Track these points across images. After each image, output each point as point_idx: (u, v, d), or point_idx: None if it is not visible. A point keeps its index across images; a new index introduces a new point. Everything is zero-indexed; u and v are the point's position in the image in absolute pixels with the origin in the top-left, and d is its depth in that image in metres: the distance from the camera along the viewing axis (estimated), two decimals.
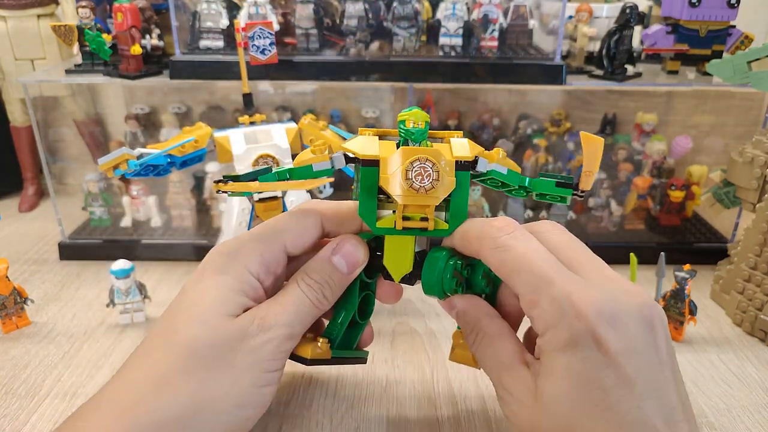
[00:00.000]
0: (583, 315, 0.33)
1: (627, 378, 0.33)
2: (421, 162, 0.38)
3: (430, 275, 0.41)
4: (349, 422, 0.49)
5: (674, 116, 0.89)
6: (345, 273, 0.42)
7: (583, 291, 0.34)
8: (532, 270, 0.36)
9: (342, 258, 0.42)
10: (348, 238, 0.42)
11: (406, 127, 0.38)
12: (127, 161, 0.52)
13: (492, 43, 0.73)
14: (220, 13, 0.73)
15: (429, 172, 0.38)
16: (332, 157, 0.41)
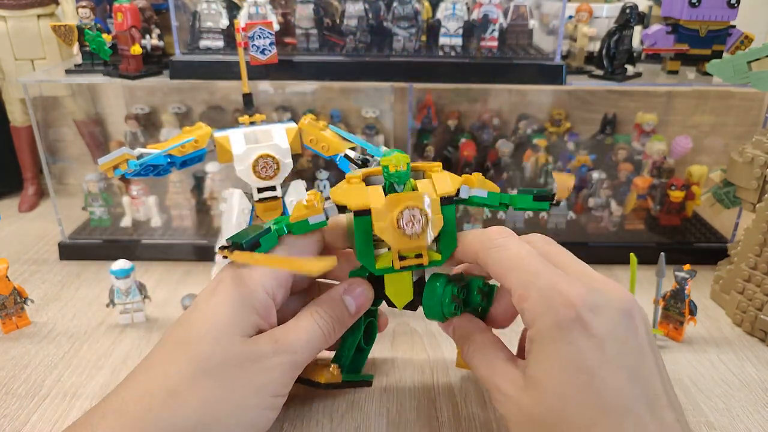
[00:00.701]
0: (569, 303, 0.35)
1: (611, 361, 0.35)
2: (410, 210, 0.40)
3: (431, 302, 0.45)
4: (350, 422, 0.49)
5: (674, 116, 0.89)
6: (353, 313, 0.45)
7: (568, 283, 0.37)
8: (523, 266, 0.39)
9: (352, 299, 0.45)
10: (359, 283, 0.46)
11: (389, 171, 0.40)
12: (127, 161, 0.52)
13: (492, 43, 0.73)
14: (220, 13, 0.73)
15: (418, 218, 0.41)
16: (325, 208, 0.43)
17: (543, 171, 0.82)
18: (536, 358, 0.37)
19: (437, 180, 0.43)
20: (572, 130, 0.89)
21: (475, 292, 0.46)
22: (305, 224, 0.43)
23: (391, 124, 0.79)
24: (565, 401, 0.35)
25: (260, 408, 0.40)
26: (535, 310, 0.37)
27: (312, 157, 0.82)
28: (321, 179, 0.79)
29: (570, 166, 0.82)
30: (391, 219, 0.40)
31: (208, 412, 0.37)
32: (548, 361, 0.36)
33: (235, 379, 0.38)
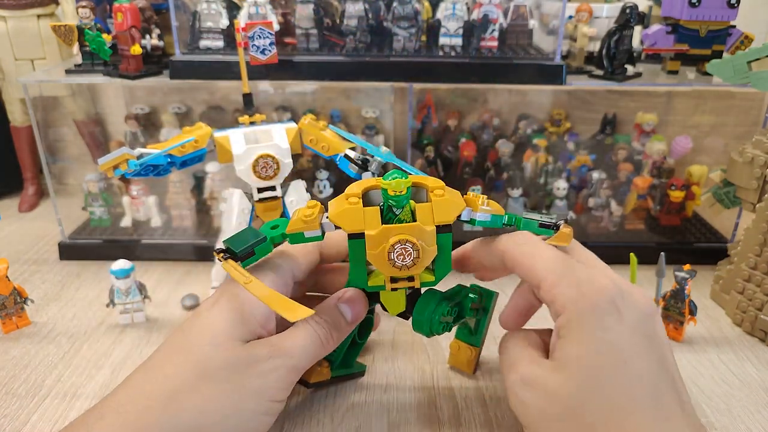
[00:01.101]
0: (602, 291, 0.38)
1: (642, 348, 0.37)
2: (401, 243, 0.40)
3: (420, 318, 0.46)
4: (350, 421, 0.49)
5: (674, 116, 0.89)
6: (349, 320, 0.45)
7: (599, 275, 0.40)
8: (553, 258, 0.41)
9: (348, 307, 0.45)
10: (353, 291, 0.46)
11: (388, 194, 0.40)
12: (127, 161, 0.52)
13: (492, 43, 0.73)
14: (220, 13, 0.73)
15: (410, 251, 0.40)
16: (322, 224, 0.43)
17: (543, 171, 0.82)
18: (568, 340, 0.38)
19: (438, 206, 0.41)
20: (572, 130, 0.89)
21: (469, 307, 0.48)
22: (301, 236, 0.44)
23: (391, 124, 0.79)
24: (598, 379, 0.36)
25: (258, 413, 0.40)
26: (568, 296, 0.39)
27: (312, 157, 0.82)
28: (321, 179, 0.79)
29: (570, 166, 0.82)
30: (383, 249, 0.40)
31: (206, 415, 0.38)
32: (581, 342, 0.37)
33: (233, 383, 0.39)
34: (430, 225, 0.41)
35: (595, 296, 0.38)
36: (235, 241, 0.43)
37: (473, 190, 0.76)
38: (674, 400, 0.36)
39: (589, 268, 0.41)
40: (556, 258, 0.41)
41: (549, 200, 0.81)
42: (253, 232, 0.44)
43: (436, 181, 0.43)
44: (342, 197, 0.42)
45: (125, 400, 0.38)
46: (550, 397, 0.37)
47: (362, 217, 0.41)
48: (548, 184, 0.81)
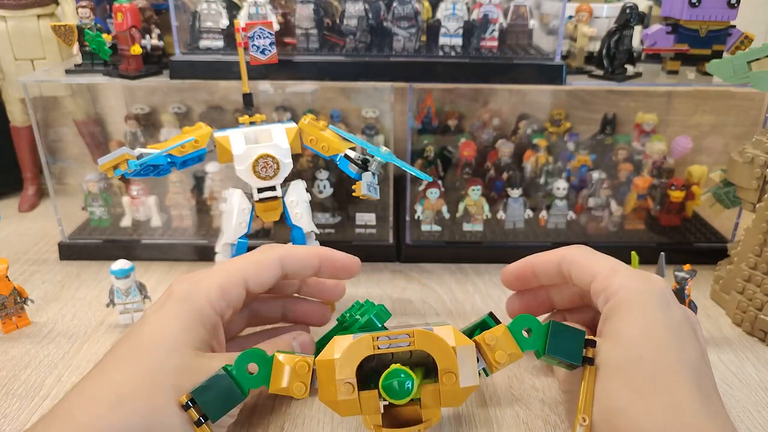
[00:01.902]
0: (656, 282, 0.43)
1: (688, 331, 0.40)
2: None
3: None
4: (350, 421, 0.49)
5: (674, 116, 0.89)
6: None
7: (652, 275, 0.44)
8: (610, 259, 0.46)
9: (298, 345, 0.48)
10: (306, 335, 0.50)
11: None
12: (127, 161, 0.52)
13: (492, 43, 0.73)
14: (220, 13, 0.73)
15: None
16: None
17: (543, 171, 0.82)
18: (617, 318, 0.41)
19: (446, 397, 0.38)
20: (572, 130, 0.89)
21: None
22: None
23: (391, 124, 0.79)
24: (646, 349, 0.38)
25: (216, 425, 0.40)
26: (622, 282, 0.42)
27: (312, 157, 0.82)
28: (321, 179, 0.79)
29: (570, 166, 0.82)
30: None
31: (155, 419, 0.37)
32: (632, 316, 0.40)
33: (182, 390, 0.38)
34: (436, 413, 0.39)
35: (648, 285, 0.42)
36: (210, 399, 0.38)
37: (473, 190, 0.76)
38: (713, 387, 0.39)
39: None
40: (612, 259, 0.46)
41: (549, 200, 0.81)
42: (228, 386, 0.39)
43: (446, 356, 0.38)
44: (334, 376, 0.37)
45: (74, 405, 0.38)
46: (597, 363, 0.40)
47: (358, 407, 0.38)
48: (548, 184, 0.81)
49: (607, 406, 0.38)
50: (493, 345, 0.40)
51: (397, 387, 0.37)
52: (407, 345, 0.37)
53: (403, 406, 0.39)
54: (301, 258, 0.49)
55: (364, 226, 0.80)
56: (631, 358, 0.38)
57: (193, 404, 0.38)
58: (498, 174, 0.83)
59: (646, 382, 0.37)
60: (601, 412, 0.38)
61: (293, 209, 0.60)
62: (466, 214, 0.79)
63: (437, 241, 0.78)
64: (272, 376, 0.40)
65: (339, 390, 0.37)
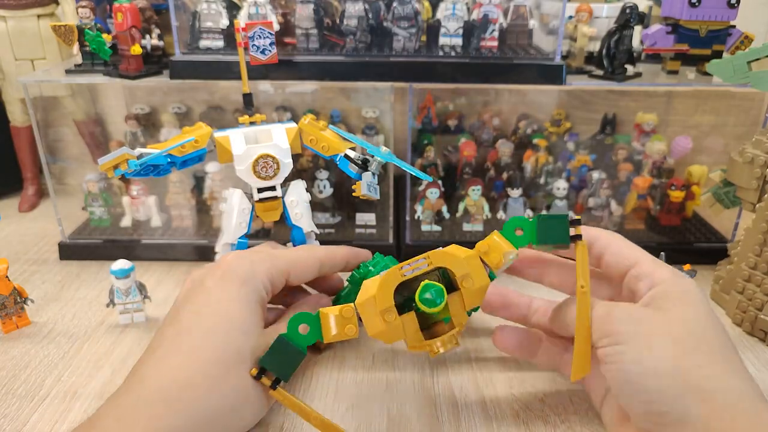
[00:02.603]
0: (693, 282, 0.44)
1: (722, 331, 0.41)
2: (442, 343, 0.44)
3: None
4: (350, 421, 0.49)
5: (674, 116, 0.89)
6: None
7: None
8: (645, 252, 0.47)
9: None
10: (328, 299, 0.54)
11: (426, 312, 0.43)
12: (127, 161, 0.52)
13: (492, 43, 0.73)
14: (220, 13, 0.73)
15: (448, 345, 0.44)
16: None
17: (543, 171, 0.82)
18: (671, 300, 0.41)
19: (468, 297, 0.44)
20: (572, 130, 0.89)
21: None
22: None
23: (391, 124, 0.79)
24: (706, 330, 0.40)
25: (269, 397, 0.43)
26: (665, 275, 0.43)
27: (312, 157, 0.82)
28: (321, 179, 0.79)
29: (570, 166, 0.82)
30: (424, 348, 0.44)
31: (226, 402, 0.39)
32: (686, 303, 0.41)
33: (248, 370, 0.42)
34: (464, 318, 0.44)
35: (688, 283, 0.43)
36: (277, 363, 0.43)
37: (473, 190, 0.76)
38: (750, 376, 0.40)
39: None
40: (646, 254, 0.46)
41: (549, 200, 0.81)
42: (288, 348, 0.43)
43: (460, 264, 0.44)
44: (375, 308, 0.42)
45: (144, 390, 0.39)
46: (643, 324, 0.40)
47: (402, 331, 0.43)
48: (548, 184, 0.81)
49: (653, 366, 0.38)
50: (487, 250, 0.45)
51: (431, 296, 0.42)
52: (427, 266, 0.43)
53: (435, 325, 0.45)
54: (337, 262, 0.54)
55: (364, 226, 0.80)
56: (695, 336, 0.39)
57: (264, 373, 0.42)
58: (498, 174, 0.83)
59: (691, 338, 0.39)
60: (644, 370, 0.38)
61: (293, 209, 0.60)
62: (466, 214, 0.79)
63: (437, 241, 0.78)
64: (323, 329, 0.44)
65: (384, 319, 0.42)
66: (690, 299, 0.42)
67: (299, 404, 0.42)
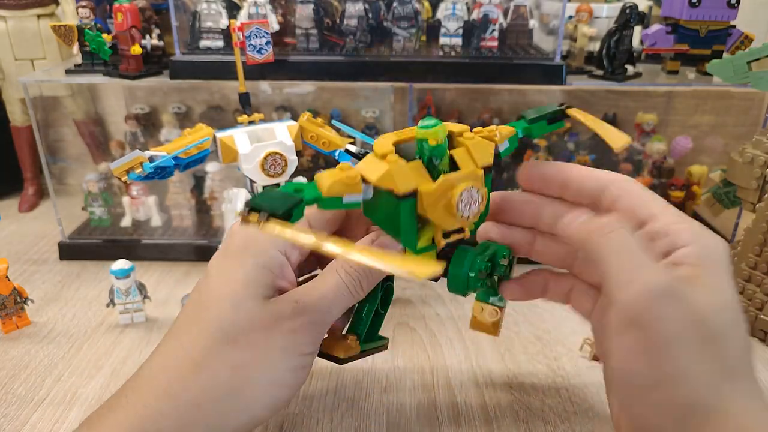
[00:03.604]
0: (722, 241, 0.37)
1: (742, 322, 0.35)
2: (468, 191, 0.38)
3: (458, 274, 0.42)
4: (349, 421, 0.49)
5: (674, 116, 0.89)
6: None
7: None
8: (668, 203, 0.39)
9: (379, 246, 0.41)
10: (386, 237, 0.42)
11: (430, 145, 0.37)
12: (141, 164, 0.52)
13: (492, 43, 0.73)
14: (220, 13, 0.73)
15: (475, 198, 0.38)
16: (364, 188, 0.38)
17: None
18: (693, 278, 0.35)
19: (475, 149, 0.39)
20: (572, 130, 0.89)
21: (500, 261, 0.44)
22: (338, 202, 0.38)
23: (391, 124, 0.79)
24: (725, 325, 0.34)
25: (289, 369, 0.39)
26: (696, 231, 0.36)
27: (312, 156, 0.82)
28: None
29: None
30: (447, 202, 0.37)
31: (235, 377, 0.37)
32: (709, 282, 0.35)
33: (257, 343, 0.38)
34: (479, 169, 0.39)
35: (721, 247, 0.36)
36: (268, 201, 0.34)
37: None
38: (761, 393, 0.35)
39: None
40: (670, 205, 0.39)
41: None
42: (282, 193, 0.35)
43: (458, 126, 0.40)
44: (375, 157, 0.38)
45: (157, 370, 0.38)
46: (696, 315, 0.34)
47: (411, 176, 0.37)
48: None
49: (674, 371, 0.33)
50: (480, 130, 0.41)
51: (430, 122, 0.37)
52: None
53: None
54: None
55: None
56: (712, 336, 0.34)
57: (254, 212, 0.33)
58: (498, 174, 0.82)
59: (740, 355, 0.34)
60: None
61: None
62: None
63: None
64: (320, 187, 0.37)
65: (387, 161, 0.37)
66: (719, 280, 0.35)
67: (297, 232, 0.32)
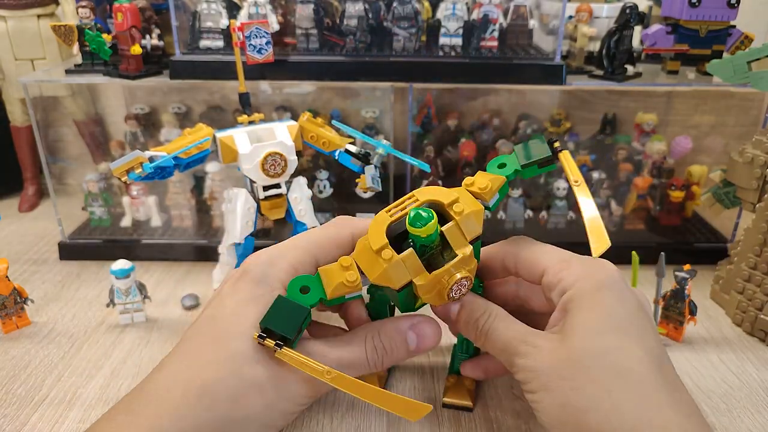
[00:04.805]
0: (611, 271, 0.41)
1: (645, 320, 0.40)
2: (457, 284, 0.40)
3: None
4: (349, 422, 0.49)
5: (674, 116, 0.89)
6: (412, 351, 0.44)
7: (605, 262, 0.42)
8: (558, 250, 0.44)
9: (416, 337, 0.44)
10: (429, 322, 0.44)
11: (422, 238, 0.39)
12: (142, 164, 0.52)
13: (492, 43, 0.73)
14: (220, 13, 0.73)
15: (465, 284, 0.41)
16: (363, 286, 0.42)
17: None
18: (577, 311, 0.39)
19: (464, 224, 0.41)
20: (572, 130, 0.89)
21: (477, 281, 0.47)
22: (341, 299, 0.43)
23: (391, 124, 0.79)
24: (607, 343, 0.37)
25: (287, 412, 0.40)
26: (577, 274, 0.41)
27: (312, 156, 0.82)
28: (321, 179, 0.79)
29: None
30: (439, 291, 0.41)
31: (237, 409, 0.38)
32: (591, 309, 0.39)
33: (265, 383, 0.39)
34: (466, 246, 0.41)
35: (603, 275, 0.40)
36: (280, 322, 0.39)
37: None
38: (673, 370, 0.38)
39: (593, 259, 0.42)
40: (559, 250, 0.44)
41: (549, 200, 0.81)
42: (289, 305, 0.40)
43: (447, 194, 0.42)
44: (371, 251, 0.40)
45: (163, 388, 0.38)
46: (559, 360, 0.38)
47: (405, 270, 0.40)
48: (548, 184, 0.81)
49: (576, 405, 0.36)
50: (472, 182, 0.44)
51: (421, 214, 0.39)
52: (414, 203, 0.42)
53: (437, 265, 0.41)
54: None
55: None
56: (596, 354, 0.37)
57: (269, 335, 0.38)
58: None
59: (614, 378, 0.36)
60: (570, 412, 0.37)
61: (297, 206, 0.60)
62: None
63: None
64: (324, 286, 0.41)
65: (382, 257, 0.40)
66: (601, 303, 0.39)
67: (309, 363, 0.38)
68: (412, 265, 0.40)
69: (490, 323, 0.43)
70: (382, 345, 0.43)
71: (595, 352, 0.37)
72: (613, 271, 0.41)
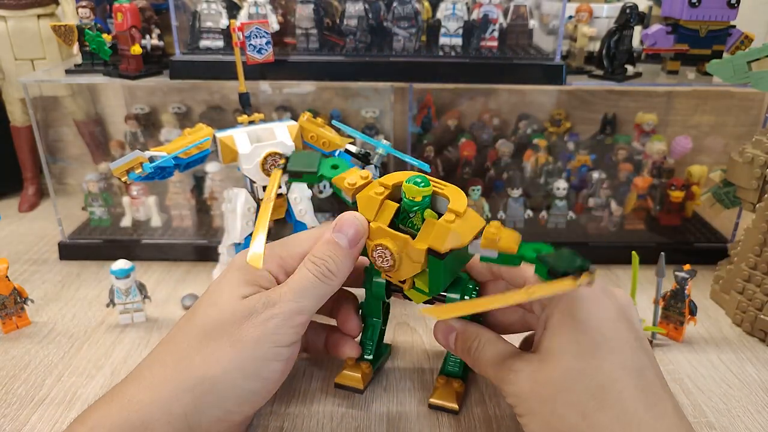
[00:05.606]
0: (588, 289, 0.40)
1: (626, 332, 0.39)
2: (382, 249, 0.43)
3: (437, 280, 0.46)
4: (349, 422, 0.49)
5: (674, 116, 0.89)
6: (346, 246, 0.44)
7: None
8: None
9: (341, 233, 0.44)
10: (347, 214, 0.45)
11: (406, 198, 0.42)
12: (142, 164, 0.52)
13: (492, 43, 0.73)
14: (220, 13, 0.73)
15: (386, 257, 0.43)
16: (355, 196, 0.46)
17: (543, 171, 0.82)
18: (555, 329, 0.40)
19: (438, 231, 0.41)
20: (572, 130, 0.89)
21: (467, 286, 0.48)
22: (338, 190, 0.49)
23: (391, 124, 0.79)
24: (586, 362, 0.38)
25: (262, 359, 0.41)
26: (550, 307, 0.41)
27: None
28: None
29: (570, 166, 0.82)
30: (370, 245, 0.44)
31: (211, 367, 0.40)
32: (568, 329, 0.39)
33: (230, 334, 0.41)
34: (423, 244, 0.42)
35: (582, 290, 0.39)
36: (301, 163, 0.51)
37: (473, 190, 0.76)
38: (657, 379, 0.38)
39: None
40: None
41: (549, 200, 0.81)
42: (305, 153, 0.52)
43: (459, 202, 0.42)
44: (376, 183, 0.45)
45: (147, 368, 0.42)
46: (540, 383, 0.39)
47: (376, 209, 0.44)
48: (548, 184, 0.81)
49: (558, 429, 0.37)
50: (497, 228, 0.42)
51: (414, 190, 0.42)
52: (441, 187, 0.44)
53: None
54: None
55: None
56: (572, 377, 0.37)
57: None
58: (498, 174, 0.83)
59: (591, 399, 0.36)
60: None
61: (297, 206, 0.60)
62: None
63: None
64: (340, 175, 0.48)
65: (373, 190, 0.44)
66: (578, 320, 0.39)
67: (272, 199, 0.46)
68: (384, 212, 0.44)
69: (480, 349, 0.45)
70: (317, 258, 0.44)
71: (570, 374, 0.38)
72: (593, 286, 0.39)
